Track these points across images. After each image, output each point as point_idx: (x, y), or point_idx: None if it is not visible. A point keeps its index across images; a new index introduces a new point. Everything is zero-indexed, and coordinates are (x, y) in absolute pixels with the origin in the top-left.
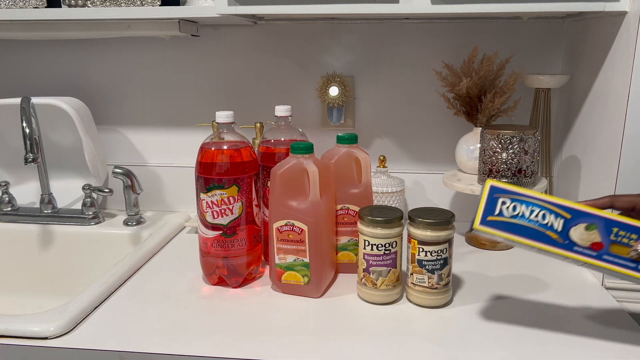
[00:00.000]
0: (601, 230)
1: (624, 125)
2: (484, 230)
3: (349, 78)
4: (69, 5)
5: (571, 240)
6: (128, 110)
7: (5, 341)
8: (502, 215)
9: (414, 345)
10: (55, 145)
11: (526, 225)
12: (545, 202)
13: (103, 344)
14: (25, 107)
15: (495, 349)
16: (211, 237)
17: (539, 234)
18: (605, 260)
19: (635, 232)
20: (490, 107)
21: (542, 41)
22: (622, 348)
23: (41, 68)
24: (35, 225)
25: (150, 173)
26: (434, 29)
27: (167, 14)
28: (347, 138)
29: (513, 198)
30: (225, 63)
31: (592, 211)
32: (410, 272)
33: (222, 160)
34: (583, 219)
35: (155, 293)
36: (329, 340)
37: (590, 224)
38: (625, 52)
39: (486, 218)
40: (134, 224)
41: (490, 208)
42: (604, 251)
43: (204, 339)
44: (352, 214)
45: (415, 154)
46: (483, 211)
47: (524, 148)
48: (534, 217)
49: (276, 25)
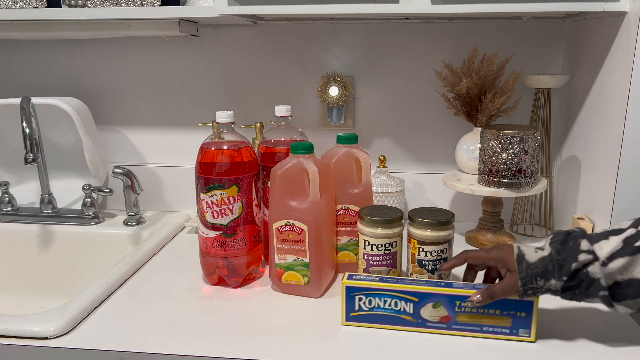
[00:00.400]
0: (446, 305)
1: (624, 125)
2: (351, 324)
3: (349, 78)
4: (69, 5)
5: (423, 319)
6: (128, 110)
7: (5, 341)
8: (361, 310)
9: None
10: (55, 145)
11: (383, 314)
12: (394, 291)
13: (103, 344)
14: (25, 107)
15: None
16: (211, 237)
17: (396, 319)
18: (455, 329)
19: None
20: (490, 107)
21: (542, 41)
22: (622, 348)
23: (41, 68)
24: (35, 225)
25: (150, 173)
26: (434, 29)
27: (167, 14)
28: (347, 138)
29: (367, 293)
30: (225, 63)
31: (435, 291)
32: (410, 272)
33: (222, 160)
34: (429, 299)
35: (155, 293)
36: (329, 340)
37: (436, 302)
38: (625, 52)
39: (350, 314)
40: (134, 224)
41: (351, 305)
42: (453, 322)
43: (204, 339)
44: (352, 214)
45: (415, 154)
46: (345, 309)
47: (524, 148)
48: (387, 306)
49: (276, 25)
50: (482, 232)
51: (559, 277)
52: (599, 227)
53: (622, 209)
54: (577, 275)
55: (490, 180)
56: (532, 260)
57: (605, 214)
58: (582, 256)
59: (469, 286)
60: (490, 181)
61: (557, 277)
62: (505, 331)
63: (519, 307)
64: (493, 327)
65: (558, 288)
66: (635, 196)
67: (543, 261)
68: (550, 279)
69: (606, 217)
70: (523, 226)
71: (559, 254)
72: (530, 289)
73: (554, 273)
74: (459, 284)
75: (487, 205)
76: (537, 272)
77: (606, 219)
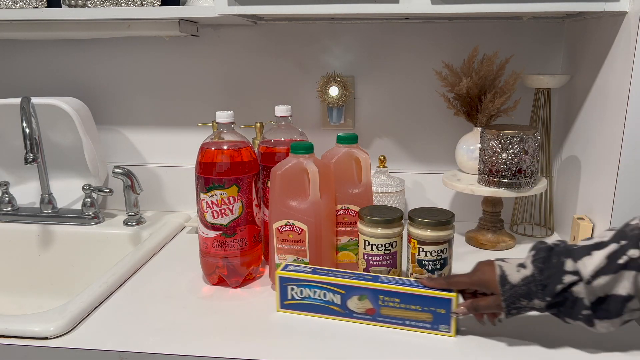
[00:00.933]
0: (371, 299)
1: (624, 125)
2: (285, 312)
3: (349, 78)
4: (69, 5)
5: (350, 310)
6: (128, 110)
7: (5, 341)
8: (294, 299)
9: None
10: (55, 145)
11: (314, 303)
12: (324, 283)
13: (103, 344)
14: (25, 107)
15: (495, 348)
16: (211, 237)
17: (325, 308)
18: (380, 321)
19: (394, 296)
20: (490, 107)
21: (542, 41)
22: (621, 348)
23: (41, 68)
24: (35, 225)
25: (150, 173)
26: (434, 29)
27: (167, 14)
28: (347, 138)
29: (299, 284)
30: (225, 63)
31: (360, 285)
32: (410, 272)
33: (222, 160)
34: (355, 292)
35: (155, 293)
36: (329, 340)
37: (362, 295)
38: (625, 52)
39: (284, 302)
40: (134, 224)
41: (284, 294)
42: (377, 314)
43: (204, 339)
44: (352, 214)
45: (415, 154)
46: (280, 298)
47: (524, 148)
48: (317, 297)
49: (276, 25)
50: (482, 232)
51: (543, 297)
52: (599, 227)
53: (622, 209)
54: (561, 294)
55: (490, 180)
56: (514, 282)
57: (605, 214)
58: (567, 277)
59: (393, 281)
60: (490, 181)
61: (541, 298)
62: (427, 326)
63: (438, 304)
64: (415, 321)
65: (542, 307)
66: (635, 196)
67: (526, 282)
68: (533, 299)
69: (606, 217)
70: (523, 226)
71: (541, 274)
72: (514, 308)
73: (537, 294)
74: (385, 279)
75: (487, 205)
76: (520, 293)
77: (606, 219)
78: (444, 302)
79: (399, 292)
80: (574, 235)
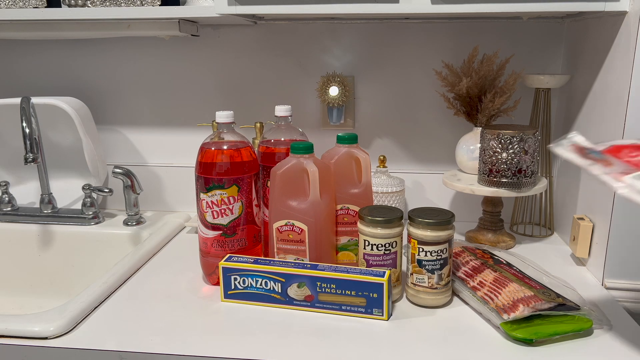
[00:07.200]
0: (309, 286)
1: (624, 125)
2: (229, 301)
3: (349, 78)
4: (69, 5)
5: (290, 297)
6: (128, 110)
7: (5, 341)
8: (237, 288)
9: (413, 345)
10: (55, 145)
11: (256, 292)
12: (264, 272)
13: (103, 344)
14: (25, 107)
15: (496, 348)
16: (211, 237)
17: (267, 297)
18: (318, 307)
19: (331, 282)
20: (490, 107)
21: (542, 41)
22: (622, 348)
23: (41, 68)
24: (35, 225)
25: (150, 173)
26: (434, 29)
27: (167, 13)
28: (347, 138)
29: (241, 274)
30: (225, 63)
31: (298, 272)
32: (410, 272)
33: (222, 160)
34: (294, 279)
35: (155, 293)
36: (329, 340)
37: (300, 283)
38: (625, 52)
39: (227, 292)
40: (134, 224)
41: (228, 284)
42: (316, 300)
43: (204, 339)
44: (352, 214)
45: (415, 154)
46: (223, 288)
47: (524, 148)
48: (259, 285)
49: (276, 25)
50: (482, 232)
51: None
52: (599, 227)
53: (622, 209)
54: None
55: (490, 180)
56: None
57: (606, 214)
58: None
59: (330, 268)
60: (490, 181)
61: None
62: (362, 310)
63: (371, 289)
64: (350, 306)
65: None
66: None
67: None
68: None
69: (606, 217)
70: (523, 226)
71: None
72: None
73: None
74: (323, 266)
75: (487, 205)
76: None
77: (606, 219)
78: (375, 286)
79: (334, 278)
80: (574, 235)
